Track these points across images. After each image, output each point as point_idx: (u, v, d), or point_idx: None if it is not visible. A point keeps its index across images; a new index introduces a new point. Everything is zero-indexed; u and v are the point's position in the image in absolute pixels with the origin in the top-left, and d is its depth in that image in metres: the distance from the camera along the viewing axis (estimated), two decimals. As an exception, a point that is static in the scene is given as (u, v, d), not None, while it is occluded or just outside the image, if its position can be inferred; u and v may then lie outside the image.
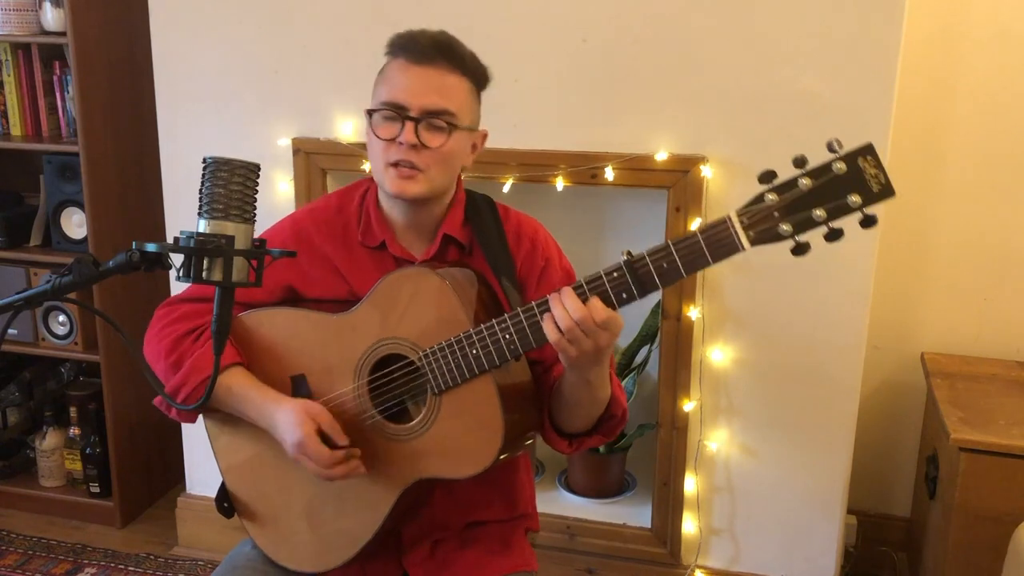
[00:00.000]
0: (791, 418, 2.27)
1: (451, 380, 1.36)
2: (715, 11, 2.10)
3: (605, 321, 1.24)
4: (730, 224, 1.17)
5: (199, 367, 1.45)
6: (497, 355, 1.32)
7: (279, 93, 2.40)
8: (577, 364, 1.31)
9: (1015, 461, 2.00)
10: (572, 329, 1.24)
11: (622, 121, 2.20)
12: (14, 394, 2.99)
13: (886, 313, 2.54)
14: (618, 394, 1.45)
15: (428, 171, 1.41)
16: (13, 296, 1.14)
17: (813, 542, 2.32)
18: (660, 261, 1.22)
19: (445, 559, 1.55)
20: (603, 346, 1.27)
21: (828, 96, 2.08)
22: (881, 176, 1.12)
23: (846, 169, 1.12)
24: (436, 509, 1.53)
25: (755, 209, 1.16)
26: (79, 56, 2.58)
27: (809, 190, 1.13)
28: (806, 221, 1.14)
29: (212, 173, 1.14)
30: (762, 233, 1.16)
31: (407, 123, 1.39)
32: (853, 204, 1.12)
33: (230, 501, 1.59)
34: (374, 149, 1.44)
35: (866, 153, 1.12)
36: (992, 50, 2.38)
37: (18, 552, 2.77)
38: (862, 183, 1.12)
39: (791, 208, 1.14)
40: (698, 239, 1.19)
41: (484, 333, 1.32)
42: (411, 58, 1.42)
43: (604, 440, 1.50)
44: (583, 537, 2.47)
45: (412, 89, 1.40)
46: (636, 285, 1.24)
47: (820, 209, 1.13)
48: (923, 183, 2.49)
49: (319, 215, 1.56)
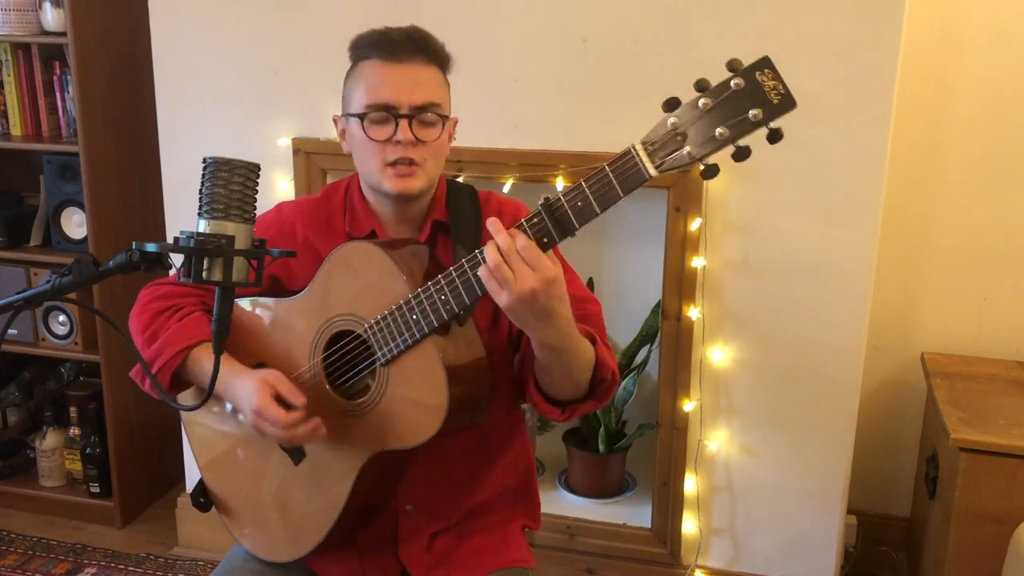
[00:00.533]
0: (791, 418, 2.27)
1: (395, 348, 1.35)
2: (715, 11, 2.10)
3: (525, 247, 1.21)
4: (635, 153, 1.16)
5: (172, 340, 1.46)
6: (435, 316, 1.30)
7: (279, 93, 2.40)
8: (520, 318, 1.26)
9: (1015, 461, 2.00)
10: (499, 266, 1.21)
11: (622, 121, 2.20)
12: (14, 394, 2.99)
13: (886, 313, 2.54)
14: (604, 356, 1.42)
15: (425, 164, 1.42)
16: (13, 296, 1.14)
17: (813, 542, 2.32)
18: (575, 200, 1.20)
19: (442, 552, 1.55)
20: (533, 288, 1.20)
21: (828, 96, 2.07)
22: (780, 86, 1.09)
23: (744, 84, 1.10)
24: (433, 494, 1.53)
25: (658, 135, 1.14)
26: (79, 56, 2.58)
27: (709, 109, 1.11)
28: (709, 141, 1.11)
29: (212, 173, 1.14)
30: (667, 158, 1.14)
31: (401, 121, 1.39)
32: (754, 118, 1.09)
33: (206, 496, 1.60)
34: (366, 151, 1.43)
35: (763, 67, 1.10)
36: (992, 50, 2.38)
37: (18, 552, 2.77)
38: (762, 97, 1.09)
39: (693, 131, 1.12)
40: (607, 172, 1.18)
41: (421, 296, 1.31)
42: (387, 56, 1.42)
43: (598, 405, 1.46)
44: (583, 537, 2.47)
45: (397, 87, 1.40)
46: (555, 227, 1.21)
47: (722, 127, 1.11)
48: (923, 183, 2.49)
49: (302, 206, 1.58)
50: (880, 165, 2.10)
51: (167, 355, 1.45)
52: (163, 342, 1.46)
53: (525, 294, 1.21)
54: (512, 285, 1.21)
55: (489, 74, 2.23)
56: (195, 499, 1.60)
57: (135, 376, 1.52)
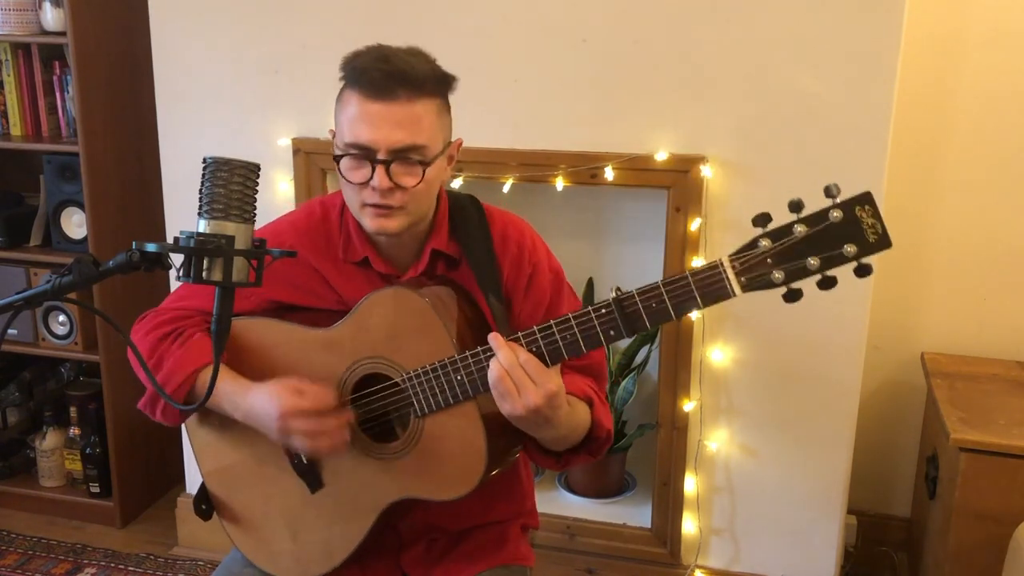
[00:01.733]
0: (791, 418, 2.27)
1: (434, 404, 1.35)
2: (715, 11, 2.10)
3: (527, 362, 1.24)
4: (722, 269, 1.15)
5: (180, 366, 1.44)
6: (482, 383, 1.30)
7: (279, 93, 2.40)
8: (521, 424, 1.30)
9: (1015, 461, 2.00)
10: (503, 379, 1.24)
11: (622, 121, 2.20)
12: (14, 394, 2.99)
13: (886, 313, 2.53)
14: (600, 418, 1.43)
15: (406, 207, 1.37)
16: (13, 296, 1.14)
17: (813, 542, 2.32)
18: (649, 301, 1.20)
19: (440, 554, 1.55)
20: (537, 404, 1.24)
21: (828, 96, 2.07)
22: (878, 226, 1.10)
23: (843, 217, 1.10)
24: (432, 516, 1.53)
25: (748, 255, 1.13)
26: (79, 56, 2.58)
27: (803, 237, 1.11)
28: (800, 270, 1.12)
29: (212, 173, 1.14)
30: (754, 280, 1.14)
31: (377, 167, 1.33)
32: (848, 254, 1.10)
33: (208, 503, 1.58)
34: (346, 190, 1.40)
35: (864, 202, 1.10)
36: (992, 50, 2.38)
37: (18, 552, 2.77)
38: (858, 232, 1.10)
39: (785, 255, 1.12)
40: (689, 282, 1.17)
41: (469, 360, 1.31)
42: (367, 93, 1.33)
43: (591, 459, 1.48)
44: (583, 537, 2.47)
45: (375, 128, 1.32)
46: (624, 323, 1.21)
47: (814, 258, 1.11)
48: (923, 183, 2.49)
49: (301, 226, 1.52)
50: (880, 165, 2.10)
51: (175, 383, 1.44)
52: (169, 370, 1.45)
53: (530, 408, 1.24)
54: (515, 399, 1.24)
55: (489, 74, 2.23)
56: (197, 506, 1.58)
57: (144, 407, 1.51)
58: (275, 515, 1.52)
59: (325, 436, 1.37)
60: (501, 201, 1.66)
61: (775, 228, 1.12)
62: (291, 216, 1.58)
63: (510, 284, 1.48)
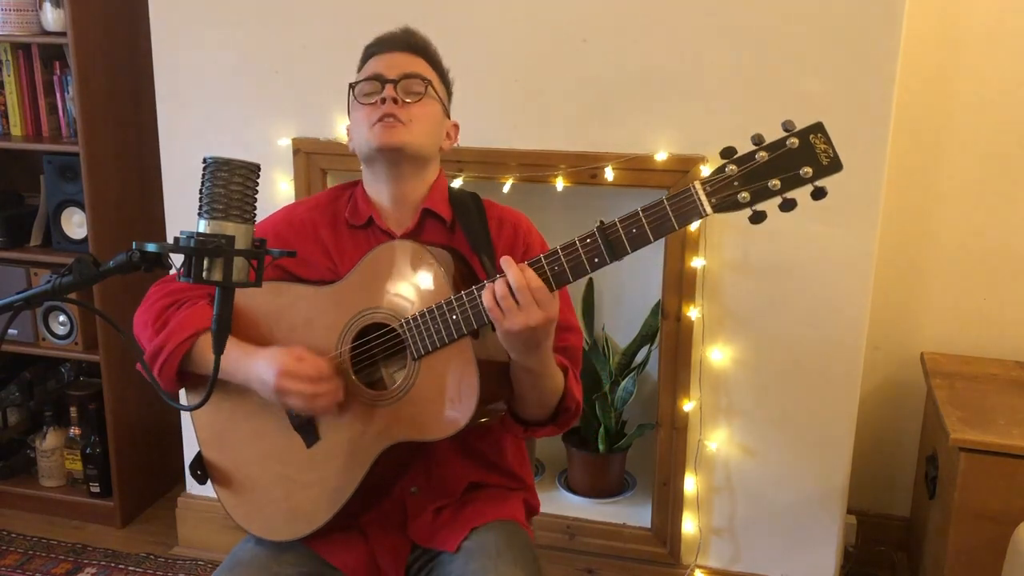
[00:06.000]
0: (791, 418, 2.27)
1: (430, 344, 1.40)
2: (715, 11, 2.10)
3: (538, 288, 1.31)
4: (694, 192, 1.26)
5: (180, 328, 1.50)
6: (475, 319, 1.36)
7: (279, 93, 2.40)
8: (512, 345, 1.35)
9: (1015, 461, 2.00)
10: (505, 297, 1.30)
11: (622, 121, 2.20)
12: (14, 394, 2.99)
13: (886, 313, 2.54)
14: (573, 388, 1.51)
15: (410, 124, 1.51)
16: (13, 296, 1.14)
17: (813, 542, 2.32)
18: (630, 227, 1.30)
19: (446, 520, 1.58)
20: (538, 323, 1.31)
21: (828, 96, 2.08)
22: (830, 151, 1.24)
23: (799, 144, 1.24)
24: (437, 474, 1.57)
25: (717, 178, 1.25)
26: (79, 56, 2.58)
27: (765, 162, 1.24)
28: (762, 190, 1.24)
29: (212, 173, 1.14)
30: (723, 200, 1.25)
31: (387, 85, 1.51)
32: (804, 175, 1.23)
33: (204, 468, 1.62)
34: (358, 120, 1.54)
35: (816, 131, 1.24)
36: (992, 50, 2.38)
37: (18, 552, 2.77)
38: (813, 156, 1.24)
39: (749, 178, 1.24)
40: (664, 205, 1.28)
41: (464, 299, 1.37)
42: (385, 48, 1.58)
43: (557, 431, 1.55)
44: (583, 537, 2.47)
45: (387, 64, 1.55)
46: (607, 249, 1.31)
47: (775, 179, 1.24)
48: (923, 183, 2.49)
49: (312, 203, 1.66)
50: (880, 165, 2.10)
51: (175, 341, 1.49)
52: (171, 329, 1.50)
53: (529, 325, 1.31)
54: (515, 316, 1.31)
55: (489, 74, 2.23)
56: (193, 471, 1.62)
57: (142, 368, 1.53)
58: (269, 475, 1.55)
59: (320, 396, 1.43)
60: (501, 201, 1.66)
61: (740, 155, 1.25)
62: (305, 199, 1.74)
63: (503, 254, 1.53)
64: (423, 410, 1.42)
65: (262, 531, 1.56)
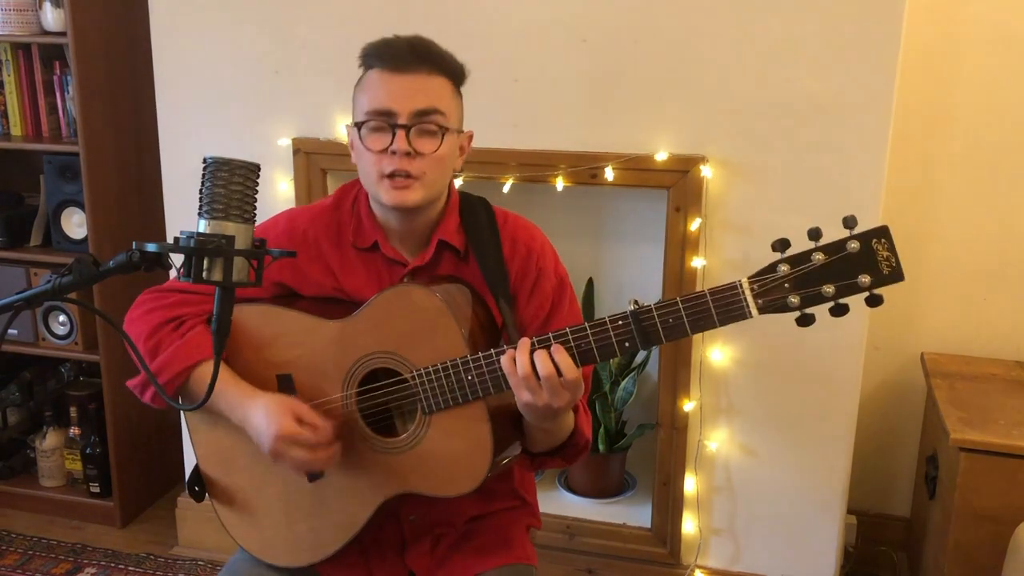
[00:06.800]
0: (791, 418, 2.27)
1: (443, 402, 1.36)
2: (715, 11, 2.10)
3: (571, 382, 1.27)
4: (740, 290, 1.18)
5: (178, 357, 1.45)
6: (493, 385, 1.33)
7: (279, 93, 2.40)
8: (532, 415, 1.32)
9: (1015, 461, 2.00)
10: (529, 377, 1.27)
11: (622, 121, 2.20)
12: (14, 394, 2.99)
13: (886, 313, 2.52)
14: (583, 426, 1.46)
15: (423, 178, 1.40)
16: (13, 296, 1.14)
17: (813, 542, 2.32)
18: (666, 316, 1.23)
19: (445, 553, 1.55)
20: (556, 407, 1.28)
21: (828, 96, 2.07)
22: (892, 259, 1.16)
23: (859, 248, 1.15)
24: (435, 511, 1.54)
25: (767, 278, 1.17)
26: (79, 56, 2.58)
27: (821, 265, 1.15)
28: (816, 296, 1.16)
29: (212, 173, 1.14)
30: (771, 303, 1.17)
31: (398, 131, 1.37)
32: (863, 284, 1.15)
33: (202, 485, 1.59)
34: (364, 162, 1.42)
35: (880, 236, 1.15)
36: (992, 51, 2.38)
37: (18, 552, 2.77)
38: (873, 264, 1.15)
39: (802, 281, 1.16)
40: (707, 300, 1.20)
41: (481, 361, 1.33)
42: (389, 66, 1.39)
43: (564, 465, 1.52)
44: (583, 537, 2.47)
45: (397, 94, 1.38)
46: (640, 336, 1.24)
47: (830, 285, 1.15)
48: (923, 183, 2.49)
49: (315, 212, 1.55)
50: (880, 165, 2.10)
51: (170, 373, 1.45)
52: (166, 359, 1.45)
53: (552, 408, 1.28)
54: (539, 395, 1.27)
55: (489, 74, 2.23)
56: (190, 487, 1.60)
57: (134, 387, 1.52)
58: (270, 500, 1.53)
59: (316, 462, 1.40)
60: (501, 201, 1.66)
61: (794, 254, 1.16)
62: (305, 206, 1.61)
63: (515, 285, 1.50)
64: (434, 465, 1.40)
65: (262, 553, 1.54)
